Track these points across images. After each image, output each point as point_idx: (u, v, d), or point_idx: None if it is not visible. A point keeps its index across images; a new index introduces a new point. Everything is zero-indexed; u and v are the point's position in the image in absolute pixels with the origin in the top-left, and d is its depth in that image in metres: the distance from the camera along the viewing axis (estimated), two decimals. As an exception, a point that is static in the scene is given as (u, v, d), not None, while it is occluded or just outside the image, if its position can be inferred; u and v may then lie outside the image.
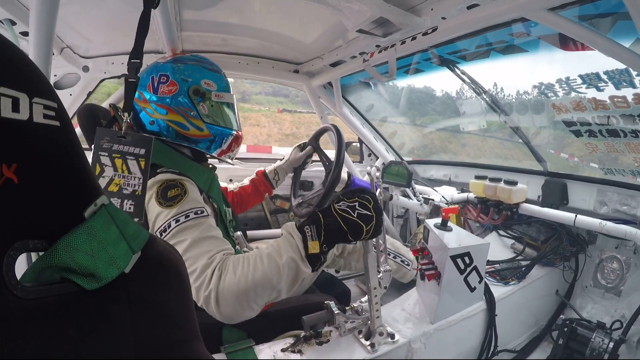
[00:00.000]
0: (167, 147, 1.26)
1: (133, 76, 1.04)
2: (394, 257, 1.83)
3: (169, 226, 1.05)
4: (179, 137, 1.28)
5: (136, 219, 0.98)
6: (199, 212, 1.09)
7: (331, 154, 1.57)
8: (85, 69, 1.92)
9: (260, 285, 0.99)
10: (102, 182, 0.98)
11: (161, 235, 1.04)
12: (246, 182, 1.90)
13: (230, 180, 2.55)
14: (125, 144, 1.00)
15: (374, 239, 1.22)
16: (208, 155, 1.39)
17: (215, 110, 1.34)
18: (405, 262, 1.83)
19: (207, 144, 1.33)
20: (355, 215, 1.03)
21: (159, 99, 1.25)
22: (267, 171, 1.88)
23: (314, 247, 1.00)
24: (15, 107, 0.33)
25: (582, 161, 2.41)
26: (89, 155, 1.01)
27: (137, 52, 1.03)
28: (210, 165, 1.45)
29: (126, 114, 1.03)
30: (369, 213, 1.05)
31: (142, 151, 1.00)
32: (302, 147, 1.88)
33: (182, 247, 1.02)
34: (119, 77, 2.03)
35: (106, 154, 0.99)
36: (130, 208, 0.99)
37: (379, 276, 1.23)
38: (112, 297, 0.43)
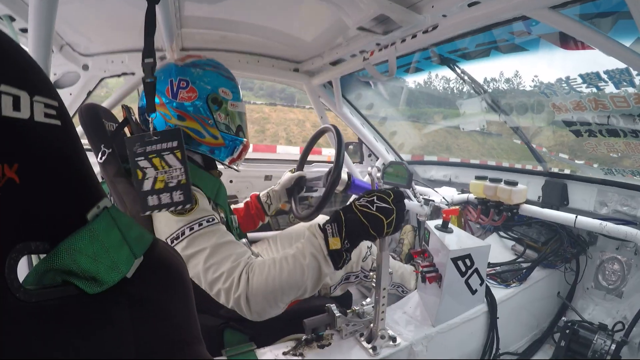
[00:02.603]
0: None
1: (150, 76, 1.04)
2: (397, 287, 1.85)
3: (183, 234, 1.06)
4: (194, 143, 1.28)
5: (188, 205, 1.06)
6: (211, 219, 1.11)
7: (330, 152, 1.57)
8: (85, 67, 1.89)
9: (287, 286, 1.03)
10: (148, 184, 1.03)
11: (172, 242, 1.05)
12: (240, 205, 1.88)
13: (231, 181, 2.54)
14: (156, 143, 1.04)
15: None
16: (218, 162, 1.39)
17: (229, 119, 1.35)
18: (402, 290, 1.86)
19: (220, 151, 1.33)
20: (374, 209, 1.04)
21: (178, 104, 1.24)
22: (260, 195, 1.87)
23: (335, 243, 1.03)
24: (17, 106, 0.32)
25: (551, 152, 2.42)
26: (91, 156, 1.00)
27: (149, 51, 1.02)
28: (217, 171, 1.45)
29: (151, 117, 1.07)
30: (388, 206, 1.05)
31: (175, 143, 1.05)
32: (293, 171, 1.89)
33: (204, 255, 1.04)
34: (118, 75, 2.01)
35: (142, 157, 1.03)
36: (180, 197, 1.05)
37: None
38: (113, 300, 0.43)
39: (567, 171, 2.45)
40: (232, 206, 1.86)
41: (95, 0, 1.46)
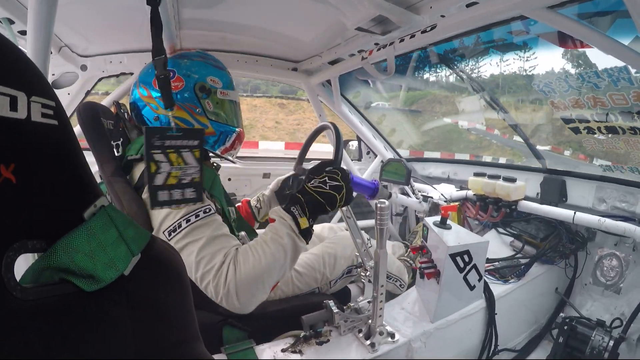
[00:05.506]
0: None
1: (162, 72, 1.11)
2: (395, 281, 1.84)
3: (180, 226, 1.06)
4: None
5: (198, 203, 1.11)
6: (207, 210, 1.12)
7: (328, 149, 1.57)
8: (84, 67, 1.90)
9: (272, 267, 1.09)
10: (160, 178, 1.04)
11: (170, 234, 1.06)
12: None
13: (229, 179, 2.54)
14: (177, 139, 1.05)
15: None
16: (211, 153, 1.39)
17: (220, 108, 1.33)
18: (400, 284, 1.85)
19: (210, 141, 1.32)
20: (327, 188, 1.18)
21: None
22: (250, 200, 1.87)
23: (304, 222, 1.14)
24: (14, 106, 0.33)
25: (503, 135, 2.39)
26: (89, 156, 1.01)
27: (158, 49, 1.09)
28: (215, 165, 1.44)
29: (169, 111, 1.16)
30: (338, 184, 1.19)
31: (195, 142, 1.08)
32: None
33: (198, 246, 1.05)
34: (117, 75, 2.02)
35: (159, 150, 1.03)
36: (192, 195, 1.08)
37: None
38: (111, 297, 0.43)
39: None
40: None
41: (94, 2, 1.46)
